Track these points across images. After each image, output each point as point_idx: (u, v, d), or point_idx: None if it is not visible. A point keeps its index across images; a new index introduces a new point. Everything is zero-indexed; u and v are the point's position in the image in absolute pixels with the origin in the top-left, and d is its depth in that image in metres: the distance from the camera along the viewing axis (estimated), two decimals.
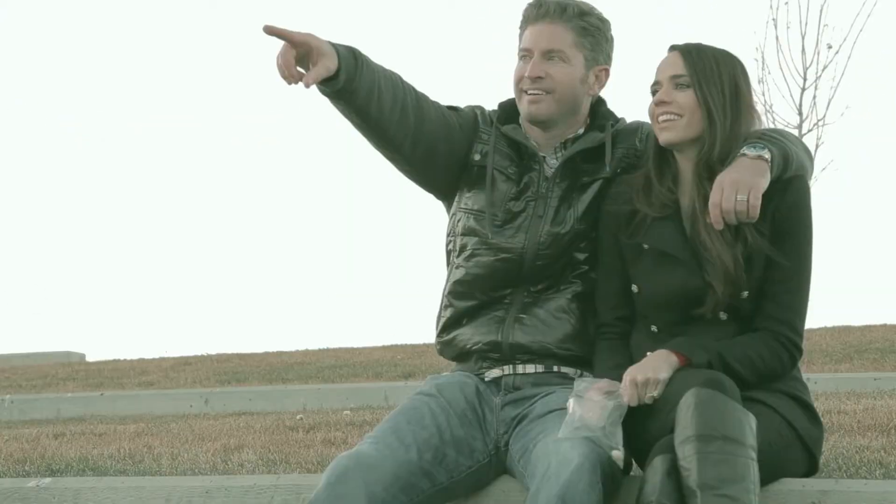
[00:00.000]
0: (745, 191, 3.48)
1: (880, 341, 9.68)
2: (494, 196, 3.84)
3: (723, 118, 3.59)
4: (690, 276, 3.59)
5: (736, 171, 3.52)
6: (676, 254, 3.61)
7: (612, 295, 3.73)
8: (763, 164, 3.53)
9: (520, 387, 3.79)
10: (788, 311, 3.59)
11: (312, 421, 6.21)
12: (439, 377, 3.88)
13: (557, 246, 3.79)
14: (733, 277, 3.54)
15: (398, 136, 3.78)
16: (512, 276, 3.80)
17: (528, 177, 3.84)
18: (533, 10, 3.83)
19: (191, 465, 4.81)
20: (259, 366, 10.73)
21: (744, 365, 3.53)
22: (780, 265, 3.57)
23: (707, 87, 3.59)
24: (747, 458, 3.30)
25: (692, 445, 3.28)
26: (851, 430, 4.60)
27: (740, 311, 3.60)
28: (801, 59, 14.84)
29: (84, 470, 4.85)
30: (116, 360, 12.49)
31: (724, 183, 3.50)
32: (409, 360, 10.39)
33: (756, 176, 3.51)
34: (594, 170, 3.82)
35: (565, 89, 3.81)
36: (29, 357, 13.66)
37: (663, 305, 3.63)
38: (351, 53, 3.65)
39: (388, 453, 3.58)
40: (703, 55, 3.62)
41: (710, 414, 3.30)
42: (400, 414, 3.73)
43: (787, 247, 3.57)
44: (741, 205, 3.48)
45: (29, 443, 5.84)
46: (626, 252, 3.70)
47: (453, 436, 3.70)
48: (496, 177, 3.86)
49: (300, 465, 4.63)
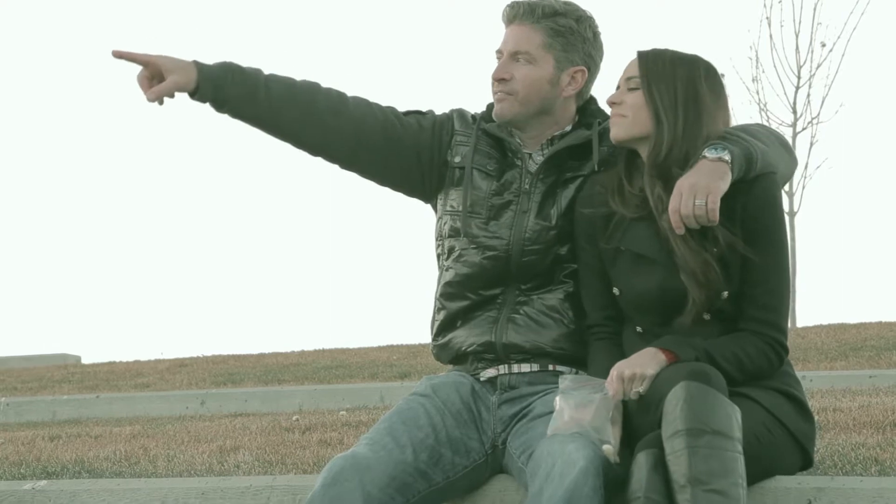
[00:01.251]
0: (703, 195, 3.47)
1: (875, 339, 9.68)
2: (475, 194, 3.85)
3: (672, 120, 3.58)
4: (668, 278, 3.59)
5: (694, 175, 3.51)
6: (652, 255, 3.61)
7: (597, 295, 3.73)
8: (723, 166, 3.52)
9: (516, 386, 3.79)
10: (770, 312, 3.59)
11: (308, 422, 6.21)
12: (434, 377, 3.88)
13: (543, 241, 3.79)
14: (704, 280, 3.54)
15: (322, 141, 3.86)
16: (500, 273, 3.80)
17: (511, 173, 3.85)
18: (507, 11, 3.85)
19: (187, 466, 4.80)
20: (255, 367, 10.72)
21: (731, 363, 3.53)
22: (756, 266, 3.57)
23: (656, 87, 3.59)
24: (735, 452, 3.31)
25: (682, 439, 3.29)
26: (847, 428, 4.60)
27: (723, 312, 3.60)
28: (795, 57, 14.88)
29: (80, 472, 4.85)
30: (112, 363, 12.48)
31: (682, 188, 3.50)
32: (405, 360, 10.38)
33: (714, 179, 3.49)
34: (579, 166, 3.82)
35: (529, 91, 3.81)
36: (24, 359, 13.65)
37: (644, 307, 3.63)
38: (222, 67, 3.76)
39: (383, 454, 3.58)
40: (660, 58, 3.62)
41: (698, 408, 3.31)
42: (395, 415, 3.73)
43: (761, 246, 3.57)
44: (699, 209, 3.47)
45: (24, 445, 5.84)
46: (604, 253, 3.70)
47: (449, 436, 3.71)
48: (475, 175, 3.86)
49: (296, 466, 4.63)
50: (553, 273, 3.80)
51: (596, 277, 3.72)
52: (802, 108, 14.87)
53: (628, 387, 3.46)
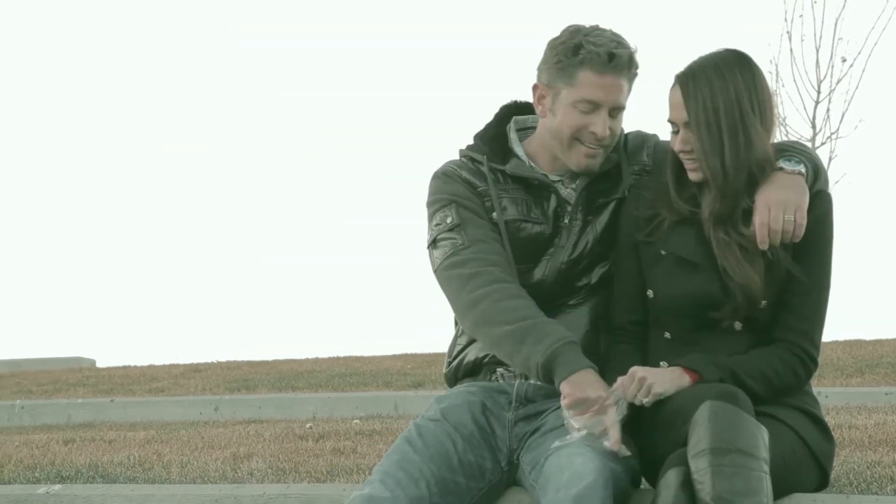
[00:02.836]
0: (791, 210, 3.45)
1: (892, 355, 9.65)
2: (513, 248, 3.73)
3: (720, 163, 3.50)
4: (708, 283, 3.58)
5: (780, 190, 3.47)
6: (695, 260, 3.60)
7: (628, 298, 3.72)
8: (802, 180, 3.50)
9: (533, 399, 3.76)
10: (807, 323, 3.58)
11: (322, 430, 6.21)
12: (443, 399, 3.79)
13: (574, 270, 3.76)
14: (756, 288, 3.53)
15: None
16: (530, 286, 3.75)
17: (543, 206, 3.75)
18: (605, 59, 3.60)
19: (200, 473, 4.81)
20: (269, 373, 10.73)
21: (757, 380, 3.51)
22: (802, 278, 3.56)
23: (710, 121, 3.50)
24: (760, 472, 3.29)
25: (706, 458, 3.27)
26: (863, 445, 4.58)
27: (756, 322, 3.59)
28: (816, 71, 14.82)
29: (94, 477, 4.86)
30: (127, 367, 12.50)
31: (771, 202, 3.46)
32: (420, 369, 10.38)
33: (799, 193, 3.47)
34: (609, 190, 3.76)
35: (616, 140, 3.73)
36: (40, 363, 13.67)
37: (678, 311, 3.62)
38: None
39: (399, 493, 3.52)
40: (698, 84, 3.52)
41: (724, 427, 3.29)
42: (406, 444, 3.66)
43: (809, 260, 3.56)
44: (789, 224, 3.46)
45: (39, 449, 5.85)
46: (643, 256, 3.69)
47: (461, 462, 3.65)
48: (510, 226, 3.74)
49: (310, 475, 4.63)
50: (576, 292, 3.78)
51: (631, 280, 3.71)
52: (822, 123, 14.81)
53: (635, 389, 3.44)
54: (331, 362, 11.54)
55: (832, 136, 14.83)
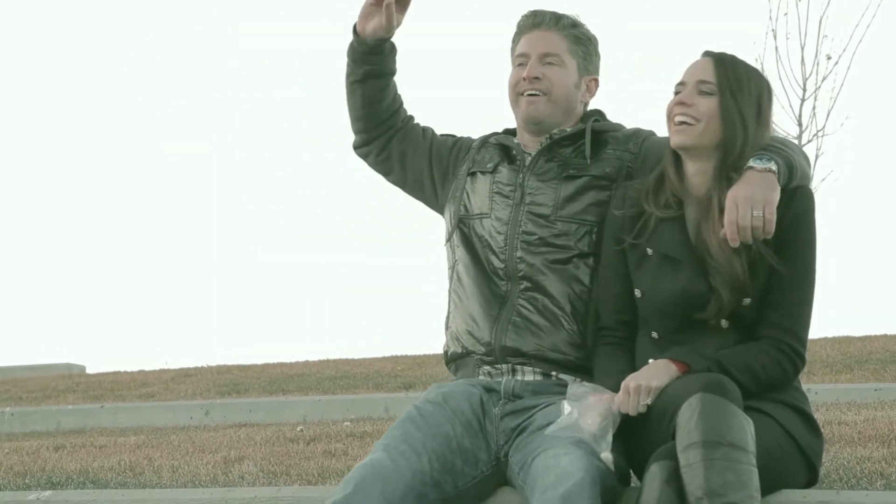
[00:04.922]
0: (759, 206, 3.49)
1: (881, 352, 9.67)
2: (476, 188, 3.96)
3: (754, 128, 3.62)
4: (694, 281, 3.59)
5: (748, 187, 3.52)
6: (680, 257, 3.62)
7: (615, 298, 3.73)
8: (772, 177, 3.54)
9: (520, 395, 3.78)
10: (792, 320, 3.59)
11: (313, 432, 6.20)
12: (444, 385, 3.88)
13: (541, 229, 3.83)
14: (740, 284, 3.54)
15: (384, 123, 4.06)
16: (503, 261, 3.84)
17: (510, 167, 3.94)
18: (529, 20, 4.00)
19: (191, 477, 4.80)
20: (259, 377, 10.72)
21: (744, 373, 3.52)
22: (785, 275, 3.57)
23: (737, 96, 3.62)
24: (749, 465, 3.30)
25: (697, 451, 3.28)
26: (852, 441, 4.59)
27: (742, 319, 3.60)
28: (801, 69, 14.84)
29: (84, 483, 4.85)
30: (117, 372, 12.48)
31: (738, 199, 3.51)
32: (410, 371, 10.38)
33: (768, 190, 3.52)
34: (585, 166, 3.87)
35: (560, 91, 3.92)
36: (29, 369, 13.65)
37: (665, 310, 3.63)
38: None
39: (402, 462, 3.60)
40: (737, 67, 3.66)
41: (714, 420, 3.30)
42: (408, 421, 3.74)
43: (792, 256, 3.58)
44: (757, 220, 3.49)
45: (29, 455, 5.84)
46: (629, 256, 3.70)
47: (459, 445, 3.71)
48: (477, 175, 3.98)
49: (301, 478, 4.63)
50: (559, 279, 3.80)
51: (617, 280, 3.72)
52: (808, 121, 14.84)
53: (634, 400, 3.46)
54: (321, 365, 11.53)
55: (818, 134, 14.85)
